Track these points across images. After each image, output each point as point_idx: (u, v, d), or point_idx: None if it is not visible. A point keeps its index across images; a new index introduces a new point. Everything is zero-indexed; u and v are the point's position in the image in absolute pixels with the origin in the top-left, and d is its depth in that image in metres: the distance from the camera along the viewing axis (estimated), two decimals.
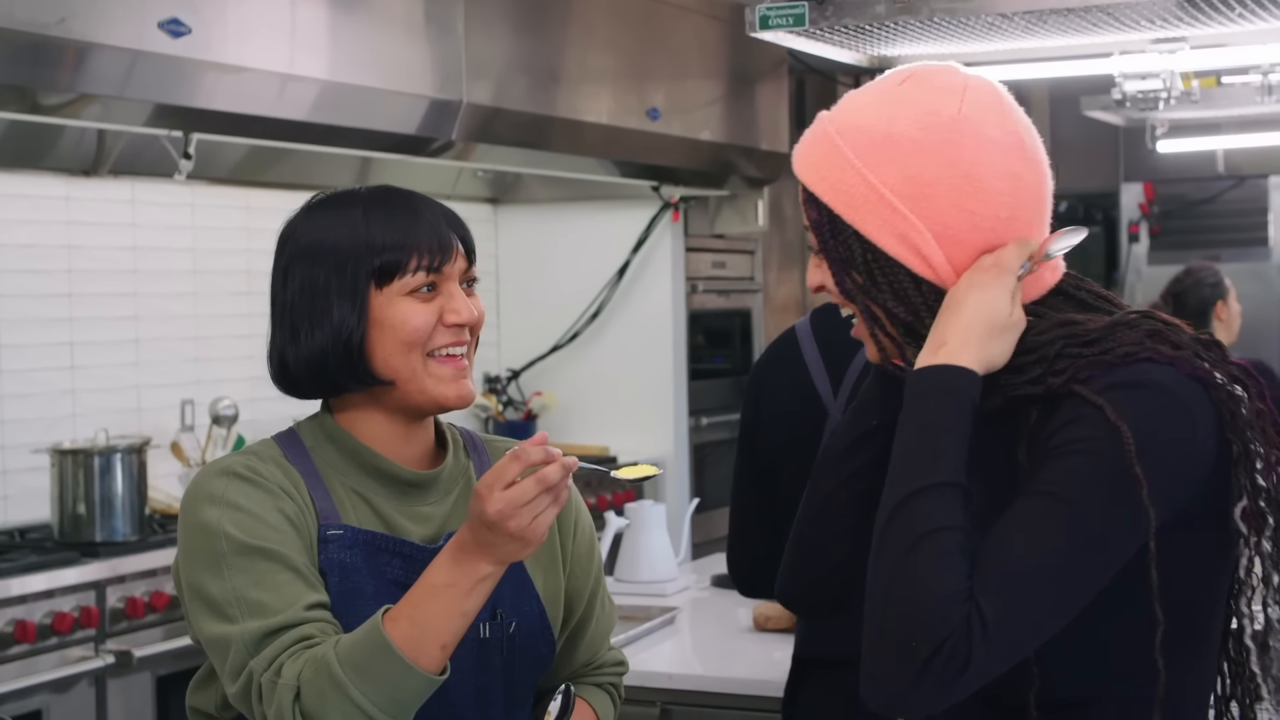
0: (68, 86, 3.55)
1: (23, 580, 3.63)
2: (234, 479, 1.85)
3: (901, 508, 1.53)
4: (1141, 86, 3.90)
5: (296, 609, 1.78)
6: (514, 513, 1.69)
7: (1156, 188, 7.04)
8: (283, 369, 1.93)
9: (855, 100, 1.69)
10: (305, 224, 1.94)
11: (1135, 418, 1.50)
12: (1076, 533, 1.49)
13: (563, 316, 6.07)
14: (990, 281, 1.60)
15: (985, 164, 1.62)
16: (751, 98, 5.98)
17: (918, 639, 1.46)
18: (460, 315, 1.90)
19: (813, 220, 1.68)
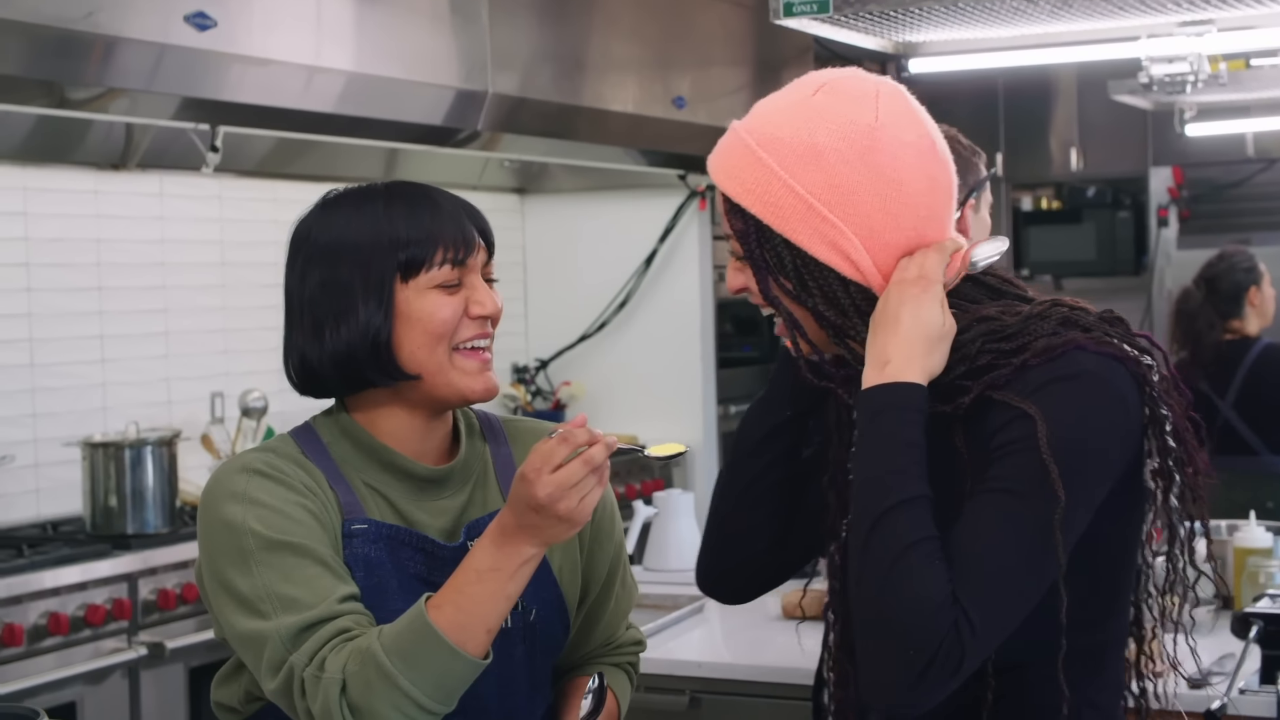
0: (95, 81, 3.57)
1: (56, 573, 3.66)
2: (255, 475, 1.85)
3: (879, 525, 1.62)
4: (1169, 70, 3.87)
5: (330, 602, 1.78)
6: (563, 495, 1.70)
7: (1185, 172, 7.00)
8: (304, 368, 1.93)
9: (771, 111, 1.74)
10: (323, 220, 1.94)
11: (1071, 410, 1.63)
12: (1040, 525, 1.61)
13: (590, 306, 6.07)
14: (920, 294, 1.68)
15: (904, 168, 1.71)
16: (777, 85, 5.85)
17: (914, 647, 1.57)
18: (485, 307, 1.90)
19: (738, 230, 1.73)
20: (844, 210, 1.69)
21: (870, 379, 1.68)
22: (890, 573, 1.59)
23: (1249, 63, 4.90)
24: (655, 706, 3.00)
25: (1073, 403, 1.64)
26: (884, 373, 1.67)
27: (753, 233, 1.72)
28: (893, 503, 1.62)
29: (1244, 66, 4.88)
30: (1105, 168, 7.23)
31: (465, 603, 1.74)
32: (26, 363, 4.28)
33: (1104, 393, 1.66)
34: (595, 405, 6.03)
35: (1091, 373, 1.66)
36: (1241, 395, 5.04)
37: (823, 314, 1.73)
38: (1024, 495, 1.61)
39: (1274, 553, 3.34)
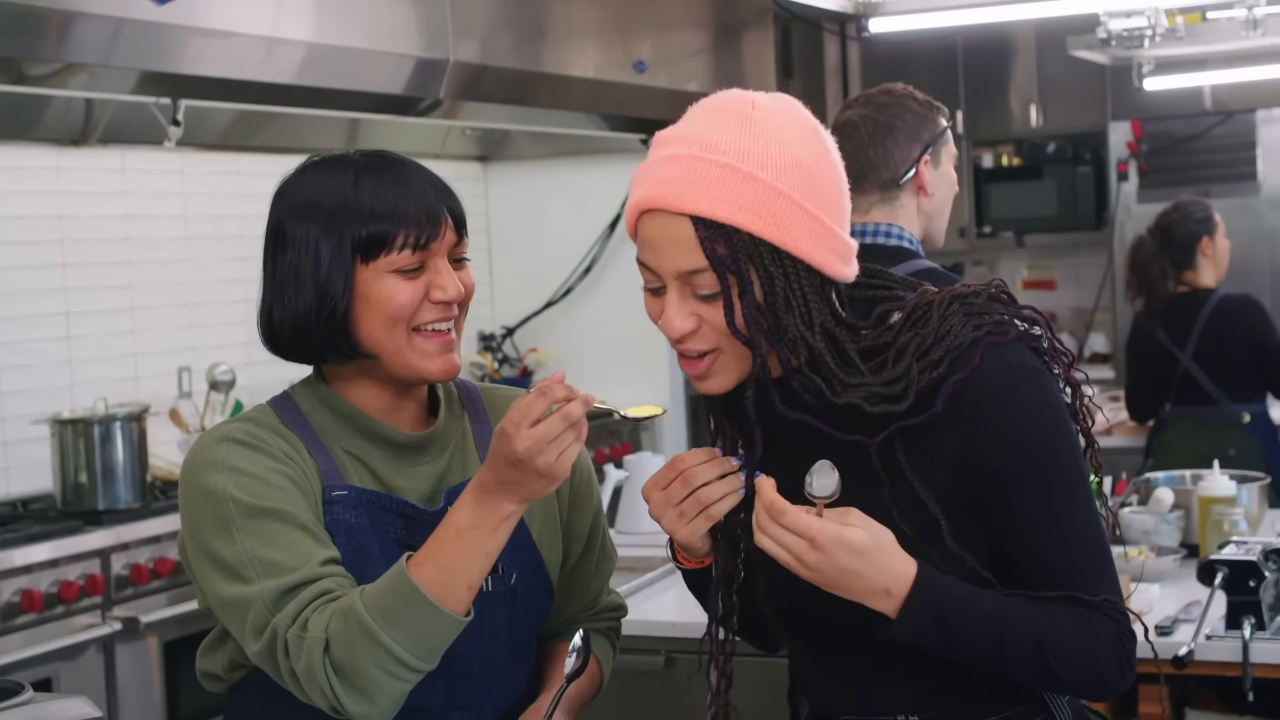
0: (53, 56, 3.55)
1: (28, 550, 3.66)
2: (235, 444, 1.86)
3: (1013, 658, 1.76)
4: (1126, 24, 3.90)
5: (312, 565, 1.79)
6: (542, 449, 1.71)
7: (1144, 125, 7.03)
8: (269, 328, 1.94)
9: (728, 133, 1.74)
10: (298, 184, 1.94)
11: (1038, 401, 1.77)
12: (1085, 492, 1.80)
13: (555, 272, 6.08)
14: (844, 527, 1.72)
15: (840, 163, 1.80)
16: (738, 48, 5.97)
17: (1113, 663, 1.79)
18: (447, 293, 1.89)
19: (718, 257, 1.71)
20: (828, 212, 1.75)
21: (881, 605, 1.74)
22: (1047, 661, 1.76)
23: (1205, 15, 4.92)
24: (631, 667, 3.02)
25: (1035, 404, 1.77)
26: (891, 599, 1.74)
27: (741, 256, 1.71)
28: (1004, 656, 1.76)
29: (1200, 19, 4.90)
30: (1065, 123, 7.25)
31: (446, 560, 1.75)
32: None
33: (1041, 378, 1.79)
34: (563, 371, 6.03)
35: (1023, 368, 1.78)
36: (1200, 347, 5.09)
37: (799, 334, 1.74)
38: (1064, 481, 1.78)
39: (1237, 501, 3.38)
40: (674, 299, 1.75)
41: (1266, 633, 2.78)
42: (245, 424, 1.91)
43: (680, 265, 1.73)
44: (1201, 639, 2.79)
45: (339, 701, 1.75)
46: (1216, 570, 2.81)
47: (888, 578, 1.73)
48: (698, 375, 1.79)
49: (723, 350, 1.77)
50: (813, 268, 1.74)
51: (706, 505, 1.79)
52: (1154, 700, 2.85)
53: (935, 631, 1.74)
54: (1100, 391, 6.43)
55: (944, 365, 1.75)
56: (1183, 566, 3.26)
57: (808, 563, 1.71)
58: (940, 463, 1.77)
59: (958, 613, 1.74)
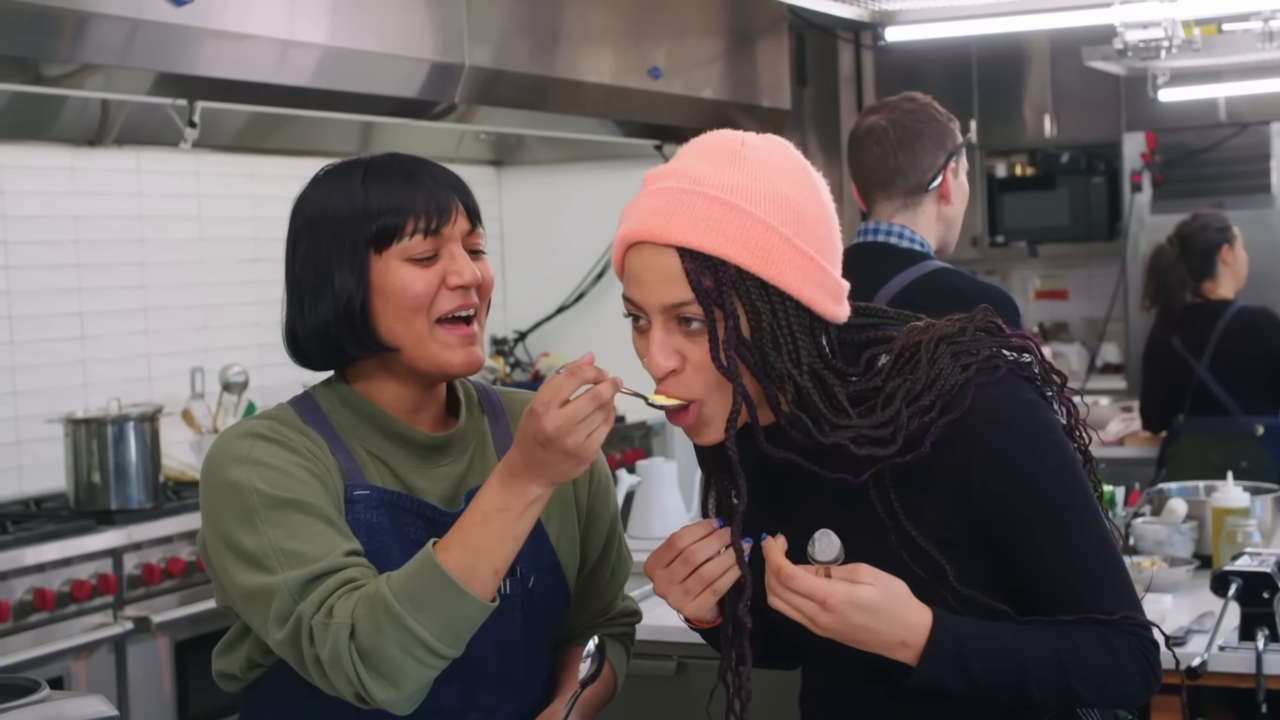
0: (69, 57, 3.56)
1: (40, 549, 3.67)
2: (259, 439, 1.86)
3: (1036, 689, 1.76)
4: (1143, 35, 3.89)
5: (335, 555, 1.78)
6: (571, 429, 1.69)
7: (1158, 137, 7.02)
8: (293, 342, 1.94)
9: (719, 168, 1.73)
10: (310, 195, 1.94)
11: (1035, 442, 1.77)
12: (1093, 511, 1.80)
13: (568, 277, 6.08)
14: (854, 586, 1.71)
15: (830, 202, 1.78)
16: (752, 55, 5.97)
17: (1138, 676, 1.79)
18: (463, 276, 1.89)
19: (704, 289, 1.69)
20: (818, 250, 1.73)
21: (900, 655, 1.74)
22: (1071, 684, 1.77)
23: (1221, 27, 4.92)
24: (642, 672, 3.01)
25: (1032, 437, 1.77)
26: (910, 649, 1.73)
27: (727, 289, 1.69)
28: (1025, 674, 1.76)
29: (1216, 31, 4.89)
30: (1079, 134, 7.25)
31: (473, 543, 1.74)
32: (6, 340, 4.28)
33: (1033, 409, 1.78)
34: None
35: (1014, 406, 1.77)
36: (1216, 358, 5.09)
37: (781, 370, 1.71)
38: (1071, 512, 1.78)
39: (1251, 512, 3.38)
40: (658, 335, 1.74)
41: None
42: (268, 421, 1.91)
43: (665, 298, 1.72)
44: (1215, 650, 2.78)
45: (364, 688, 1.73)
46: (1230, 581, 2.81)
47: (903, 630, 1.73)
48: (687, 426, 1.77)
49: (705, 401, 1.74)
50: (802, 305, 1.72)
51: (710, 582, 1.77)
52: (1167, 711, 2.84)
53: (956, 675, 1.74)
54: (1112, 402, 6.45)
55: (935, 410, 1.74)
56: (1195, 577, 3.26)
57: (820, 624, 1.71)
58: (941, 508, 1.76)
59: (976, 653, 1.74)
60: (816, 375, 1.74)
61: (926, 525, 1.76)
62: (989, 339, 1.80)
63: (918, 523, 1.76)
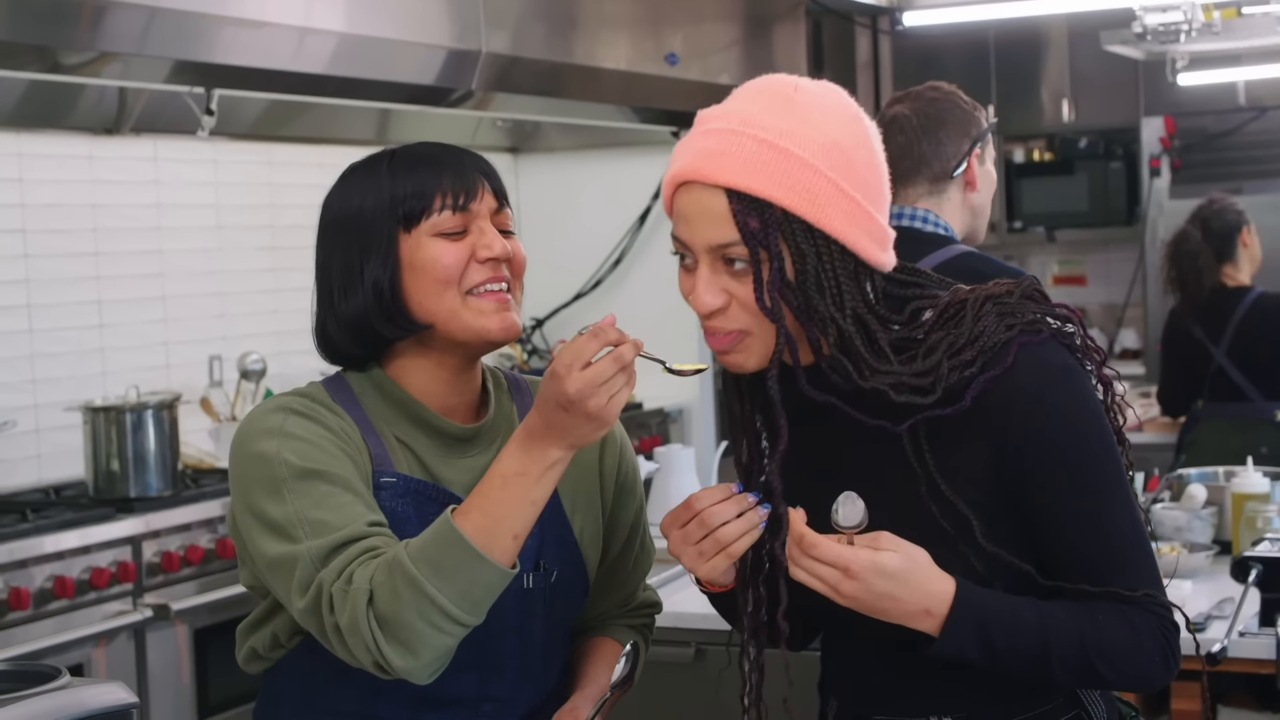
0: (87, 45, 3.56)
1: (60, 537, 3.67)
2: (291, 414, 1.86)
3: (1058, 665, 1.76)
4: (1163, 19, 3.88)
5: (359, 524, 1.77)
6: (593, 392, 1.68)
7: (1177, 121, 7.00)
8: (324, 339, 1.94)
9: (770, 112, 1.74)
10: (337, 192, 1.95)
11: (1076, 406, 1.77)
12: (1124, 487, 1.81)
13: (585, 264, 6.08)
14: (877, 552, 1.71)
15: (881, 151, 1.80)
16: (769, 40, 5.96)
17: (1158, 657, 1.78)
18: (493, 249, 1.89)
19: (750, 230, 1.71)
20: (866, 196, 1.75)
21: (922, 625, 1.74)
22: (1094, 662, 1.76)
23: (1240, 10, 4.90)
24: (661, 659, 3.01)
25: (1073, 400, 1.77)
26: (931, 619, 1.73)
27: (773, 231, 1.70)
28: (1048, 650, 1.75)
29: (1235, 15, 4.87)
30: (1097, 118, 7.22)
31: (491, 508, 1.72)
32: (25, 329, 4.29)
33: (1075, 374, 1.79)
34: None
35: (1057, 367, 1.78)
36: (1235, 343, 5.07)
37: (830, 315, 1.73)
38: (1102, 483, 1.77)
39: (1271, 498, 3.36)
40: (705, 274, 1.75)
41: None
42: (302, 398, 1.90)
43: (712, 239, 1.73)
44: (1235, 636, 2.78)
45: (382, 655, 1.72)
46: (1250, 567, 2.80)
47: (926, 598, 1.72)
48: (723, 350, 1.78)
49: (751, 333, 1.76)
50: (847, 249, 1.74)
51: (725, 545, 1.77)
52: (1186, 697, 2.84)
53: (978, 647, 1.74)
54: (1131, 388, 6.42)
55: (976, 365, 1.74)
56: (1215, 563, 3.25)
57: (844, 592, 1.71)
58: (974, 465, 1.76)
59: (999, 626, 1.74)
60: (859, 319, 1.75)
61: (958, 482, 1.76)
62: (1034, 305, 1.81)
63: (949, 478, 1.76)
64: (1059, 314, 1.82)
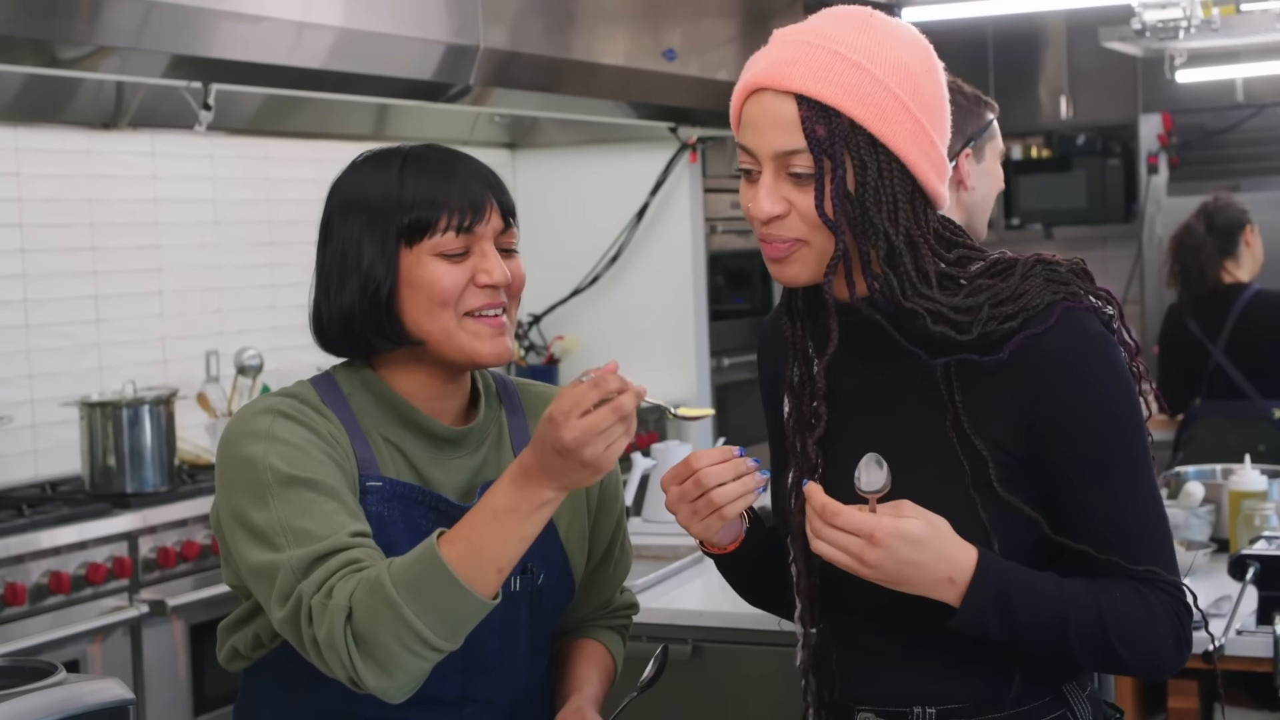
0: (85, 39, 3.55)
1: (56, 532, 3.67)
2: (279, 417, 1.85)
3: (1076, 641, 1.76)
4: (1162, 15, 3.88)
5: (341, 535, 1.77)
6: (590, 440, 1.67)
7: (1175, 118, 6.99)
8: (319, 325, 1.94)
9: (846, 30, 1.78)
10: (347, 180, 1.94)
11: (1111, 369, 1.78)
12: (1146, 464, 1.81)
13: (582, 260, 6.08)
14: (900, 519, 1.72)
15: (945, 92, 1.84)
16: (767, 36, 5.90)
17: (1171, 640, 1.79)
18: (493, 276, 1.88)
19: (817, 138, 1.74)
20: (930, 121, 1.79)
21: (945, 595, 1.74)
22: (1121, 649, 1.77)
23: (1239, 7, 4.89)
24: None
25: (1110, 370, 1.79)
26: (956, 586, 1.73)
27: (839, 140, 1.74)
28: (1067, 626, 1.76)
29: (1234, 11, 4.87)
30: (1095, 115, 7.22)
31: (478, 540, 1.71)
32: (22, 323, 4.28)
33: (1114, 347, 1.80)
34: (588, 359, 6.04)
35: (1097, 334, 1.79)
36: (1232, 340, 5.07)
37: (884, 231, 1.75)
38: (1127, 458, 1.78)
39: (1269, 496, 3.36)
40: (767, 180, 1.78)
41: None
42: (290, 399, 1.90)
43: (778, 145, 1.76)
44: (1232, 634, 2.77)
45: (356, 672, 1.72)
46: (1248, 565, 2.80)
47: (949, 566, 1.73)
48: (776, 258, 1.80)
49: (807, 243, 1.78)
50: (907, 170, 1.77)
51: (719, 506, 1.78)
52: (1183, 695, 2.84)
53: (999, 617, 1.74)
54: None
55: (1018, 319, 1.77)
56: (1212, 561, 3.25)
57: (868, 560, 1.71)
58: (1002, 416, 1.78)
59: (1020, 596, 1.74)
60: (911, 240, 1.78)
61: (983, 426, 1.78)
62: (1080, 281, 1.83)
63: (975, 421, 1.78)
64: (1102, 295, 1.85)
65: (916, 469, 1.78)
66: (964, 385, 1.78)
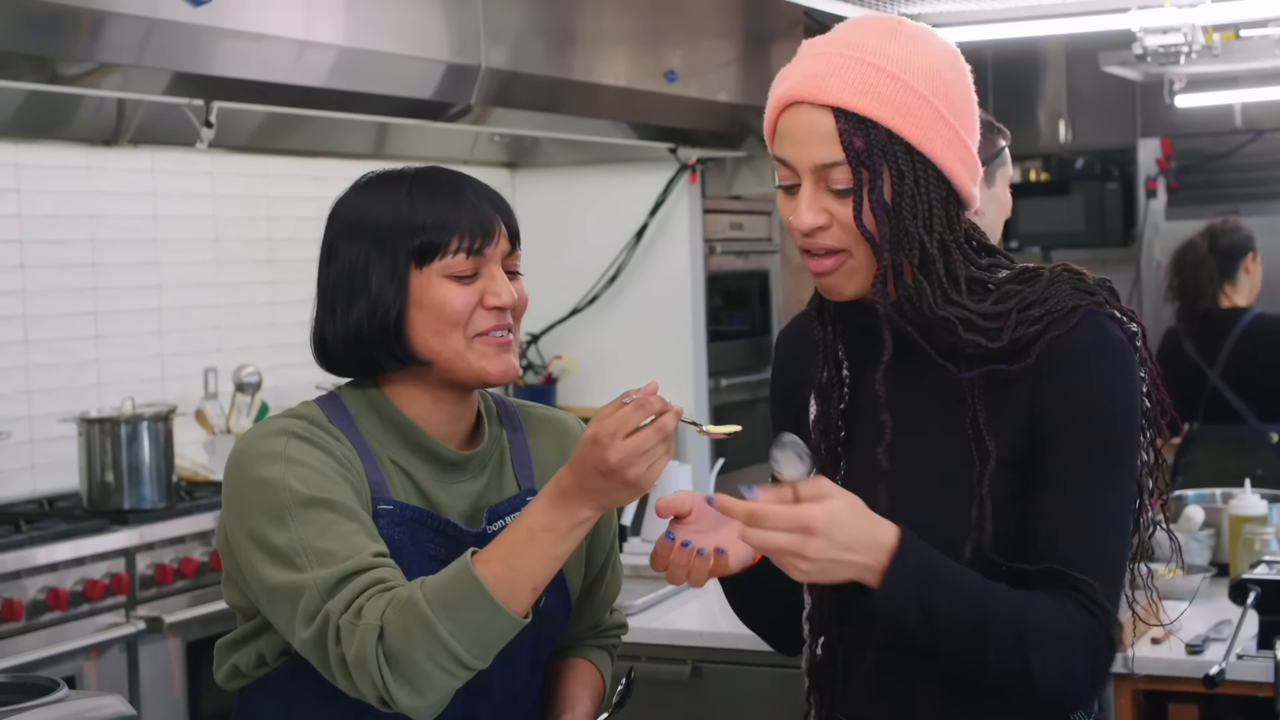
0: (86, 56, 3.56)
1: (53, 548, 3.66)
2: (293, 438, 1.85)
3: (992, 641, 1.71)
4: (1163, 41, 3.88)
5: (365, 555, 1.77)
6: (634, 461, 1.69)
7: (1174, 143, 7.01)
8: (321, 346, 1.94)
9: (878, 40, 1.80)
10: (352, 201, 1.94)
11: (1120, 374, 1.77)
12: (1126, 480, 1.78)
13: (581, 280, 6.08)
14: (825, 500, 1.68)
15: (974, 95, 1.86)
16: (767, 58, 5.97)
17: (1084, 662, 1.73)
18: (501, 298, 1.89)
19: (855, 149, 1.75)
20: (962, 125, 1.80)
21: (876, 578, 1.69)
22: (1030, 652, 1.71)
23: (1239, 33, 4.91)
24: (658, 676, 3.01)
25: (1118, 374, 1.78)
26: (878, 567, 1.68)
27: (877, 151, 1.75)
28: (986, 628, 1.70)
29: (1234, 37, 4.88)
30: (1093, 139, 7.24)
31: (515, 559, 1.73)
32: (21, 339, 4.28)
33: (1130, 356, 1.80)
34: (587, 379, 6.04)
35: (1116, 339, 1.79)
36: (1230, 364, 5.06)
37: (920, 240, 1.76)
38: (1105, 463, 1.75)
39: (1269, 520, 3.36)
40: (807, 193, 1.79)
41: None
42: (301, 420, 1.89)
43: (817, 158, 1.77)
44: (1233, 658, 2.77)
45: (388, 691, 1.72)
46: (1249, 589, 2.79)
47: (875, 548, 1.68)
48: (822, 273, 1.81)
49: (850, 253, 1.79)
50: (943, 175, 1.78)
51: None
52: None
53: (918, 606, 1.69)
54: None
55: (1042, 324, 1.77)
56: (1212, 585, 3.25)
57: (810, 553, 1.66)
58: (1015, 419, 1.77)
59: (942, 585, 1.70)
60: (944, 246, 1.78)
61: (999, 432, 1.77)
62: (1106, 294, 1.83)
63: (993, 426, 1.77)
64: (1127, 311, 1.84)
65: (930, 470, 1.78)
66: (987, 394, 1.78)
